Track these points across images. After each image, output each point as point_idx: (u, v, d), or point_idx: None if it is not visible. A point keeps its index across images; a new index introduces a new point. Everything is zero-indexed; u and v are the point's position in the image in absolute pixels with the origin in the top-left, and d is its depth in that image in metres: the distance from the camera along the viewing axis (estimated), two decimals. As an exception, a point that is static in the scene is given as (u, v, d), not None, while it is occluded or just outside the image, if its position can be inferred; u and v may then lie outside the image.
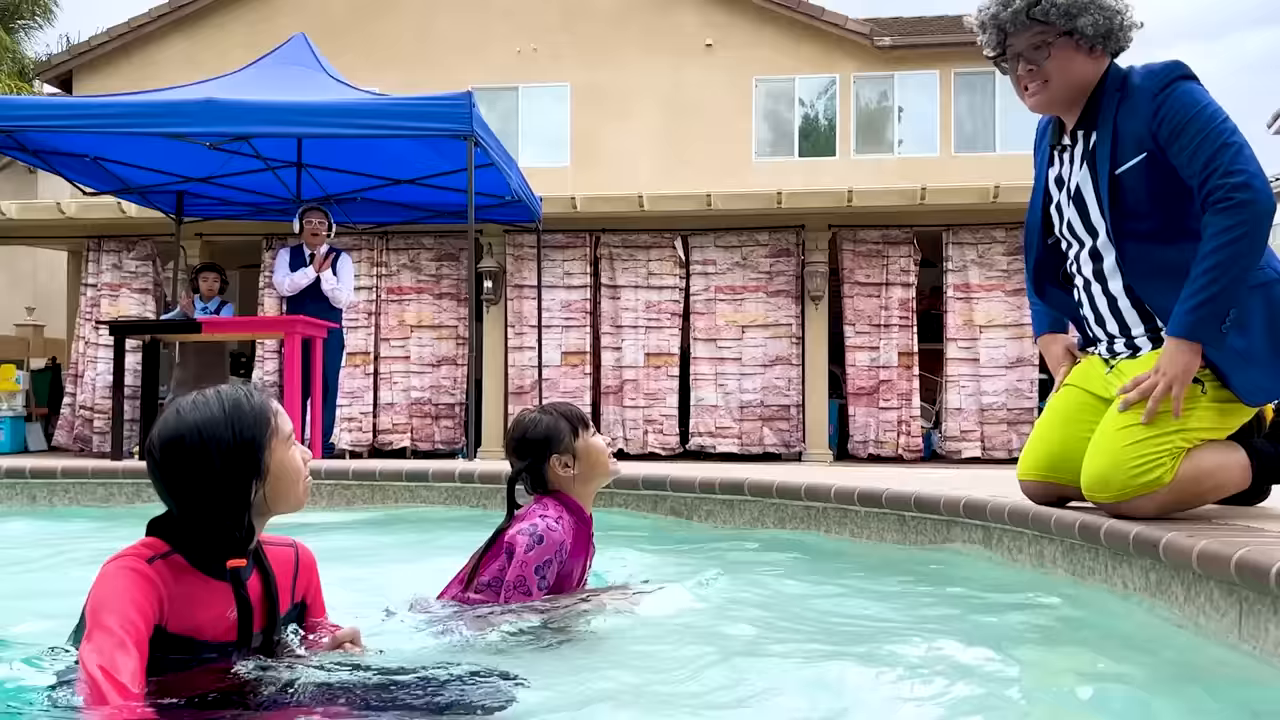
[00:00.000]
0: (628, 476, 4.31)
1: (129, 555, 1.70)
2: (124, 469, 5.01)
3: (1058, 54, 2.67)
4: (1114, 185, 2.65)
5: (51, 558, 3.48)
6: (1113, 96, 2.69)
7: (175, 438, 1.73)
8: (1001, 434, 10.92)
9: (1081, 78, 2.70)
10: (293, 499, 1.83)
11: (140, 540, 1.76)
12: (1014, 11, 2.66)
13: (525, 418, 2.61)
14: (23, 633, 2.14)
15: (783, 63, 15.87)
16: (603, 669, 2.06)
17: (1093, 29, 2.63)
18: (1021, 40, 2.69)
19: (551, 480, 2.54)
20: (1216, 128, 2.54)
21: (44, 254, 15.56)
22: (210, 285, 8.64)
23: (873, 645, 2.23)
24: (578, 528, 2.50)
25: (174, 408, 1.78)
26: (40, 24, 24.41)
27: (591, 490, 2.62)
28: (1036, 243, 2.94)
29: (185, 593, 1.71)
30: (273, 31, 14.14)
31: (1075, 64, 2.68)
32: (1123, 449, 2.55)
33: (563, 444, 2.53)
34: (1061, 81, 2.69)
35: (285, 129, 7.18)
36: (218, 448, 1.72)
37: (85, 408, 11.79)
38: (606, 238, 11.47)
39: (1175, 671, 2.10)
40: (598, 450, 2.58)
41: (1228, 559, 2.02)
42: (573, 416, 2.58)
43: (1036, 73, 2.70)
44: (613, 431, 11.31)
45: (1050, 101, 2.74)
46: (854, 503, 3.63)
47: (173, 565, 1.72)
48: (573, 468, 2.54)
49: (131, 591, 1.64)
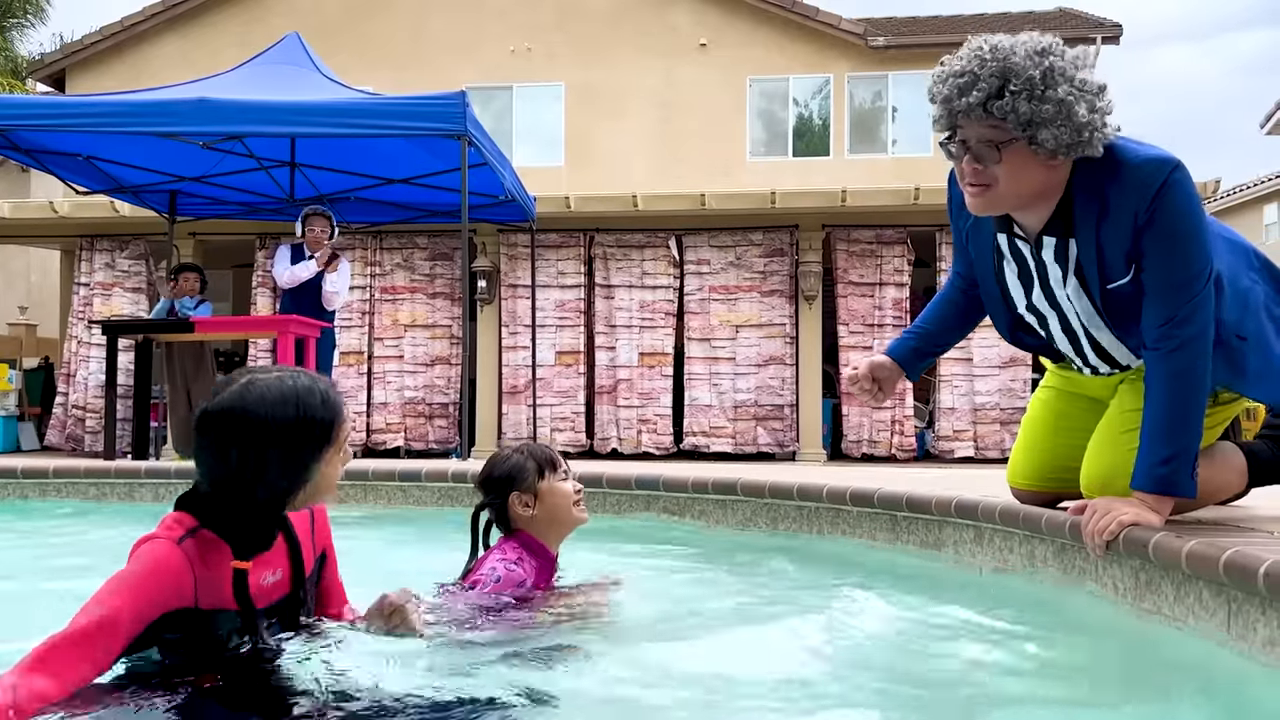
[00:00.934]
0: (620, 476, 4.31)
1: (161, 538, 1.70)
2: (116, 469, 5.00)
3: (1010, 159, 2.30)
4: (1106, 298, 2.44)
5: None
6: (1089, 208, 2.36)
7: (241, 409, 1.73)
8: (994, 433, 10.94)
9: (1034, 187, 2.35)
10: (326, 495, 1.87)
11: (171, 515, 1.76)
12: (968, 103, 2.26)
13: (497, 454, 2.61)
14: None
15: (777, 62, 15.89)
16: (592, 676, 2.06)
17: (1054, 142, 2.25)
18: (973, 131, 2.31)
19: (513, 519, 2.52)
20: (1187, 278, 2.31)
21: (37, 253, 15.55)
22: (191, 285, 8.53)
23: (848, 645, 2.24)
24: (540, 568, 2.48)
25: (249, 378, 1.78)
26: (33, 22, 24.30)
27: (555, 534, 2.57)
28: (1001, 310, 2.70)
29: (214, 571, 1.71)
30: (266, 30, 14.13)
31: (1030, 171, 2.32)
32: (1123, 454, 2.48)
33: (525, 483, 2.51)
34: (1009, 189, 2.34)
35: (279, 128, 7.17)
36: (282, 430, 1.73)
37: (78, 407, 11.77)
38: (600, 237, 11.48)
39: (1165, 670, 2.11)
40: (561, 495, 2.53)
41: (1216, 559, 2.03)
42: (542, 458, 2.55)
43: (982, 173, 2.33)
44: (606, 431, 11.32)
45: (991, 205, 2.40)
46: (846, 503, 3.64)
47: (202, 541, 1.72)
48: (533, 508, 2.51)
49: (144, 586, 1.64)
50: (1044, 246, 2.47)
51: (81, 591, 1.67)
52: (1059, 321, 2.60)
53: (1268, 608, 1.95)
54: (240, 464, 1.72)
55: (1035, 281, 2.54)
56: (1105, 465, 2.54)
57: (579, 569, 2.68)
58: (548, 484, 2.52)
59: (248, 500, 1.74)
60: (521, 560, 2.44)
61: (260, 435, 1.72)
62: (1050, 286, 2.53)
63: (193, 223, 10.70)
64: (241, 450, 1.72)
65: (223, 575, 1.72)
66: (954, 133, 2.35)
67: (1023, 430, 2.93)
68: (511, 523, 2.53)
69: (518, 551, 2.46)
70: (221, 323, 8.55)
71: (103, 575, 1.68)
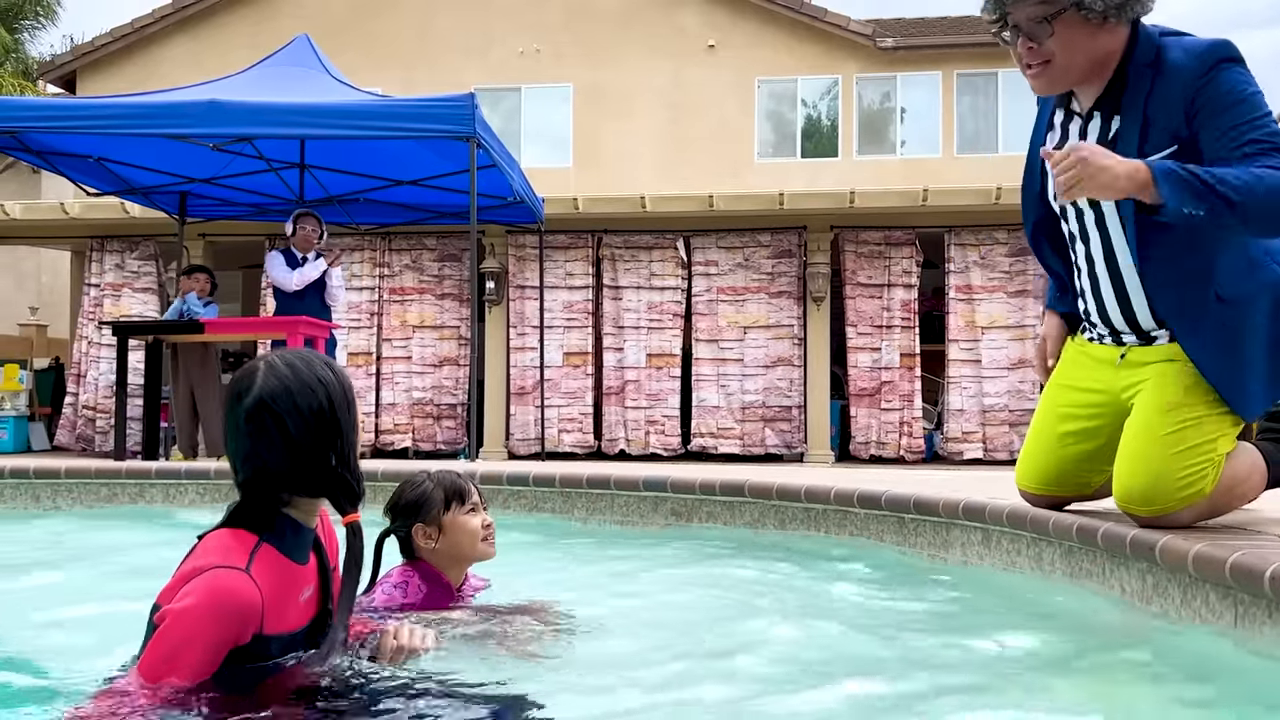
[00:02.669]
0: (628, 478, 4.32)
1: (227, 570, 1.63)
2: (127, 469, 5.03)
3: (1062, 30, 2.33)
4: None
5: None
6: (1143, 77, 2.37)
7: (283, 391, 1.74)
8: (1003, 435, 10.92)
9: (1091, 55, 2.37)
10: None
11: (225, 533, 1.72)
12: None
13: (409, 479, 2.54)
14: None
15: (785, 63, 15.88)
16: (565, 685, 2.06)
17: (1102, 3, 2.30)
18: (1022, 10, 2.35)
19: (415, 548, 2.47)
20: (1265, 117, 2.25)
21: (48, 254, 15.61)
22: (202, 285, 8.57)
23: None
24: (430, 594, 2.41)
25: (274, 359, 1.78)
26: (44, 24, 24.45)
27: (457, 567, 2.51)
28: (1035, 204, 2.71)
29: (280, 590, 1.69)
30: (275, 31, 14.17)
31: (1083, 40, 2.35)
32: (1168, 460, 2.37)
33: (430, 515, 2.45)
34: (1067, 61, 2.37)
35: (288, 130, 7.20)
36: (330, 402, 1.76)
37: (88, 407, 11.81)
38: (608, 238, 11.49)
39: (1172, 672, 2.11)
40: (466, 531, 2.46)
41: (1223, 562, 2.03)
42: (451, 489, 2.48)
43: (1038, 51, 2.37)
44: (614, 432, 11.33)
45: (1054, 83, 2.43)
46: (853, 505, 3.64)
47: (266, 559, 1.69)
48: (435, 540, 2.45)
49: (220, 628, 1.60)
50: (1091, 120, 2.48)
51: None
52: (1096, 224, 2.52)
53: (1274, 610, 1.95)
54: (284, 436, 1.73)
55: None
56: (1149, 474, 2.39)
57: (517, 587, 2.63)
58: (452, 517, 2.45)
59: (306, 470, 1.74)
60: (407, 585, 2.39)
61: (289, 401, 1.74)
62: None
63: (202, 224, 10.74)
64: (283, 422, 1.73)
65: (286, 596, 1.71)
66: (1004, 21, 2.39)
67: (1029, 432, 2.90)
68: (415, 551, 2.48)
69: (406, 576, 2.42)
70: (230, 324, 8.58)
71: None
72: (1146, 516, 2.43)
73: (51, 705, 1.68)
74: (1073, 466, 2.73)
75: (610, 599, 2.84)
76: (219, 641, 1.60)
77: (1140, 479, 2.41)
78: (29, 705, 1.73)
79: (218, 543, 1.69)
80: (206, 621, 1.59)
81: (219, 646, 1.60)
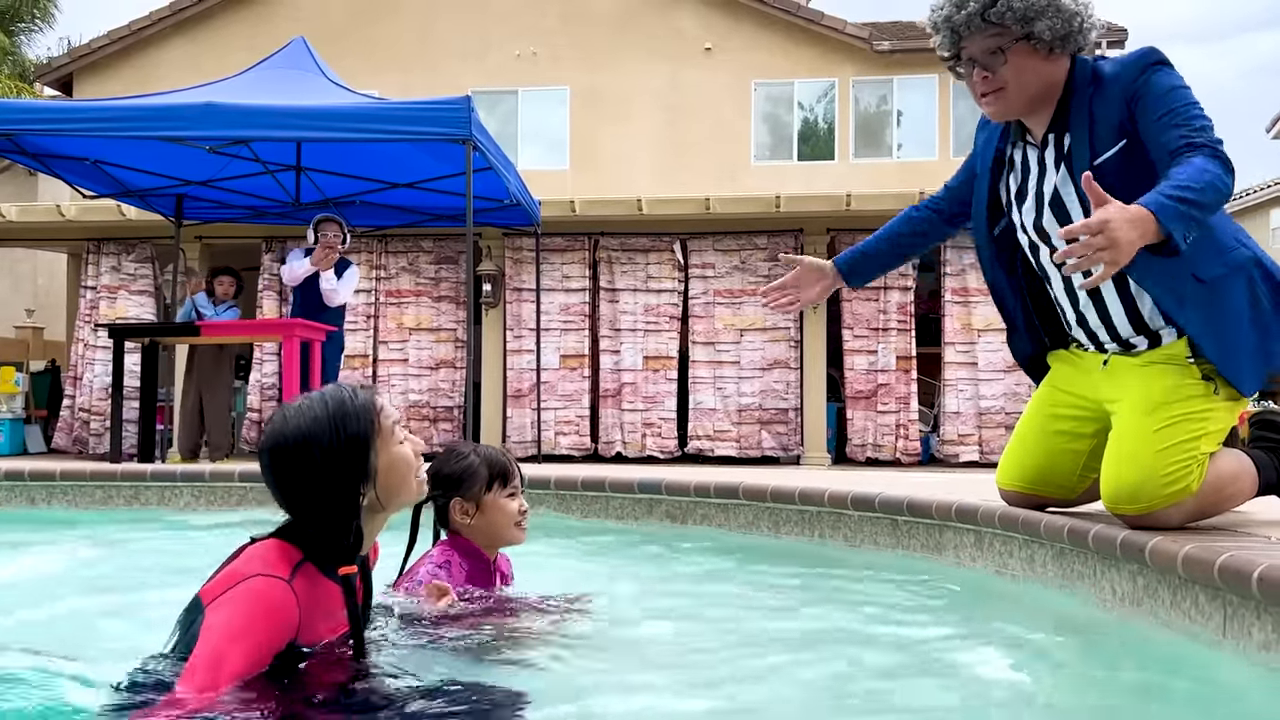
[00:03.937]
0: (623, 480, 4.33)
1: (269, 579, 1.65)
2: (122, 471, 5.03)
3: (1014, 59, 2.54)
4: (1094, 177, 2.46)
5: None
6: (1084, 93, 2.58)
7: (281, 442, 1.73)
8: (999, 438, 10.93)
9: (1040, 82, 2.58)
10: (406, 493, 1.84)
11: (272, 544, 1.73)
12: (968, 15, 2.53)
13: (454, 448, 2.51)
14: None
15: (782, 66, 15.90)
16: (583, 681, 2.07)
17: (1050, 33, 2.51)
18: (976, 44, 2.56)
19: (452, 521, 2.45)
20: (1197, 111, 2.41)
21: (44, 256, 15.60)
22: (226, 289, 8.66)
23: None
24: (472, 572, 2.41)
25: (281, 412, 1.78)
26: (40, 27, 24.44)
27: (490, 546, 2.48)
28: (985, 240, 2.83)
29: (316, 606, 1.70)
30: (273, 34, 14.18)
31: (1033, 68, 2.56)
32: (1154, 458, 2.44)
33: (471, 491, 2.42)
34: (1019, 87, 2.57)
35: (285, 133, 7.20)
36: (322, 451, 1.72)
37: (84, 410, 11.81)
38: (605, 241, 11.50)
39: (1161, 674, 2.12)
40: (503, 512, 2.44)
41: (1211, 563, 2.04)
42: (496, 469, 2.44)
43: (992, 79, 2.57)
44: (610, 435, 11.34)
45: (1008, 109, 2.63)
46: (848, 507, 3.65)
47: (306, 575, 1.70)
48: (471, 517, 2.43)
49: (264, 634, 1.62)
50: (1047, 145, 2.66)
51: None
52: (1050, 257, 2.63)
53: (1262, 612, 1.96)
54: (299, 481, 1.73)
55: (1049, 204, 2.63)
56: (1136, 472, 2.46)
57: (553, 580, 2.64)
58: (493, 497, 2.43)
59: (325, 514, 1.73)
60: (450, 564, 2.37)
61: (300, 445, 1.73)
62: (1042, 190, 2.65)
63: (199, 226, 10.74)
64: (291, 468, 1.73)
65: (320, 611, 1.71)
66: (959, 55, 2.61)
67: (1014, 433, 2.95)
68: (451, 524, 2.45)
69: (447, 555, 2.40)
70: (226, 326, 8.59)
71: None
72: (1134, 515, 2.47)
73: (96, 695, 1.68)
74: (1059, 462, 2.78)
75: (609, 600, 2.84)
76: (268, 644, 1.62)
77: (1127, 477, 2.47)
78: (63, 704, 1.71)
79: (265, 552, 1.71)
80: (254, 630, 1.61)
81: (268, 649, 1.62)
